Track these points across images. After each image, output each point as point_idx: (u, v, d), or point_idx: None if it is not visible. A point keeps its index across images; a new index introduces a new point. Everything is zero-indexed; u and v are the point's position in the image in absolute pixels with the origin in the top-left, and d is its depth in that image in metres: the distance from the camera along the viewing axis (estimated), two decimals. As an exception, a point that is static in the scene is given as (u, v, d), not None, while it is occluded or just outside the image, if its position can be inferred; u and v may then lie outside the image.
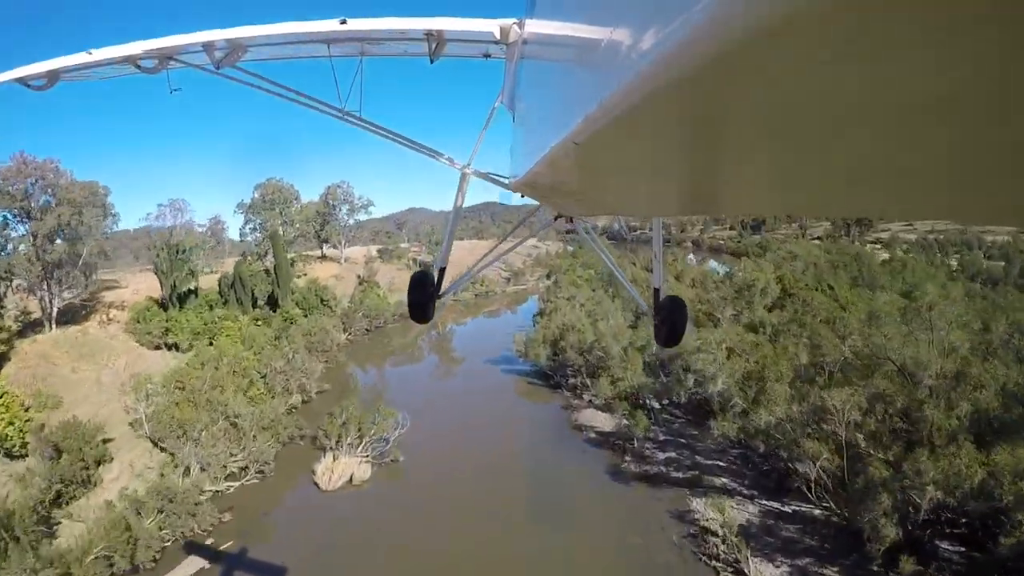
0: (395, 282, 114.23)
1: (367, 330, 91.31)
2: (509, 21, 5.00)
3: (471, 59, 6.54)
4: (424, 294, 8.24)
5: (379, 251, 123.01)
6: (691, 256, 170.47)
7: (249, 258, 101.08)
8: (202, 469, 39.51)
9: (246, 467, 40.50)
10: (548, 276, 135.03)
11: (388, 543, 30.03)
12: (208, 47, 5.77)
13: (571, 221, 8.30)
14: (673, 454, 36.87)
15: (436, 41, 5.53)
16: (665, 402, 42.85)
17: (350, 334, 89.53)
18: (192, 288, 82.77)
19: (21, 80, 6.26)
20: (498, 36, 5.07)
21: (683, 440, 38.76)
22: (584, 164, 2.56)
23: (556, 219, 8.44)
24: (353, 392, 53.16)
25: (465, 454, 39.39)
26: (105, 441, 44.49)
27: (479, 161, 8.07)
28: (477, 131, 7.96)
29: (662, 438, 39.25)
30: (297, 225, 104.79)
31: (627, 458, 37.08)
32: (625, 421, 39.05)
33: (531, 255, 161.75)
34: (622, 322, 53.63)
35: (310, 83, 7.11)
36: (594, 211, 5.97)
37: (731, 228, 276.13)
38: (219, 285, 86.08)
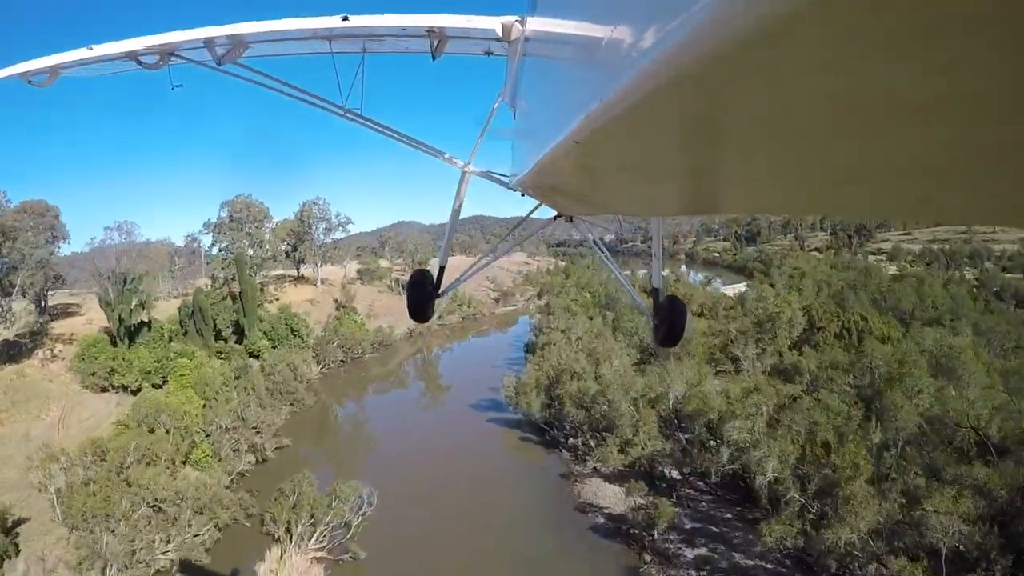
0: (375, 306, 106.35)
1: (343, 361, 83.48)
2: (511, 18, 5.02)
3: (473, 56, 6.53)
4: (424, 293, 8.31)
5: (359, 272, 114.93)
6: (683, 268, 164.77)
7: (214, 283, 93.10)
8: (120, 569, 31.66)
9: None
10: (539, 296, 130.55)
11: None
12: (210, 43, 5.78)
13: (571, 220, 8.18)
14: (705, 550, 29.42)
15: (438, 38, 5.55)
16: (687, 471, 35.40)
17: (323, 367, 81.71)
18: (145, 320, 74.49)
19: (22, 76, 6.30)
20: (500, 33, 5.07)
21: (715, 528, 31.38)
22: (585, 163, 2.60)
23: (556, 218, 8.20)
24: (313, 457, 45.25)
25: (442, 545, 31.69)
26: (16, 525, 36.52)
27: (480, 159, 8.11)
28: (478, 129, 7.97)
29: (688, 525, 31.90)
30: (267, 246, 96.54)
31: (646, 558, 29.72)
32: (640, 501, 31.48)
33: (521, 272, 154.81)
34: (628, 364, 46.19)
35: (311, 80, 7.05)
36: (594, 210, 6.21)
37: (725, 240, 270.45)
38: (180, 314, 78.28)
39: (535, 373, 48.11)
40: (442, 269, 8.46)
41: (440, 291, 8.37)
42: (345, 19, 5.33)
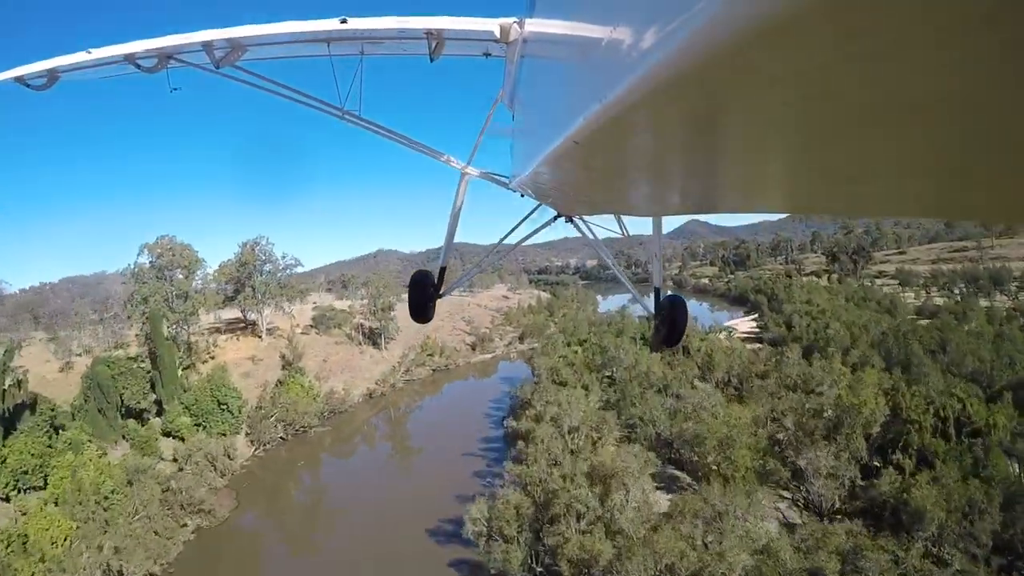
0: (330, 362, 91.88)
1: (283, 438, 68.62)
2: (509, 20, 5.00)
3: (471, 58, 6.36)
4: (424, 293, 8.44)
5: (314, 319, 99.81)
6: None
7: (127, 345, 77.68)
8: None
9: None
10: (521, 339, 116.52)
11: None
12: (208, 46, 5.81)
13: (571, 220, 8.27)
14: None
15: (436, 40, 5.56)
16: None
17: (259, 448, 66.65)
18: (24, 402, 59.15)
19: (20, 79, 6.29)
20: (498, 35, 5.06)
21: None
22: (585, 163, 2.66)
23: (556, 218, 8.31)
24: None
25: None
26: None
27: (479, 160, 8.20)
28: (477, 130, 8.02)
29: None
30: (198, 297, 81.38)
31: None
32: None
33: (501, 309, 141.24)
34: (652, 491, 32.10)
35: (310, 83, 7.10)
36: (594, 210, 6.54)
37: (712, 264, 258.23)
38: (83, 385, 63.02)
39: (514, 499, 33.68)
40: (443, 270, 8.62)
41: (441, 293, 8.57)
42: (343, 22, 5.35)
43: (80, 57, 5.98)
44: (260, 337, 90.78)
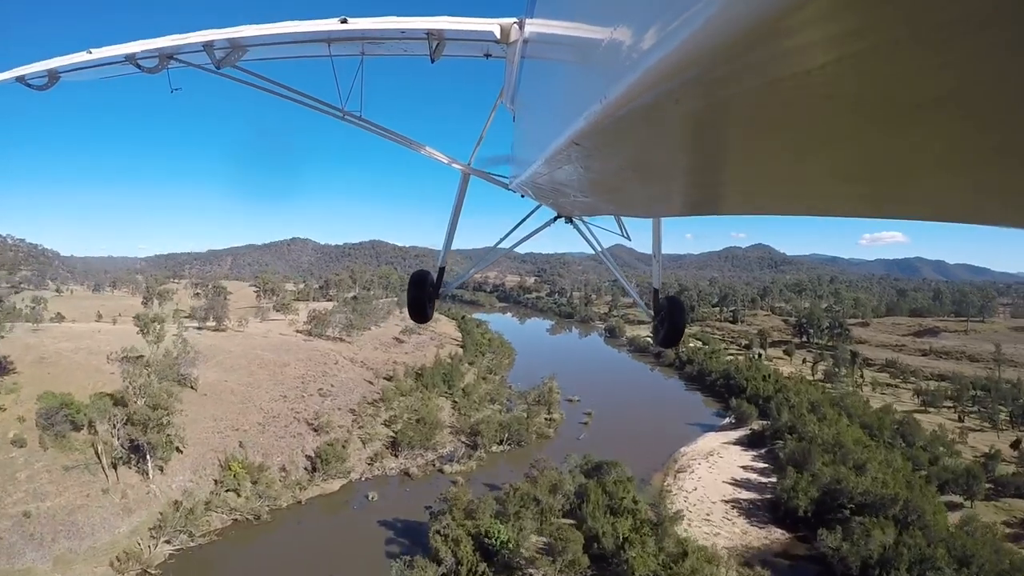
0: (34, 518, 50.40)
1: None
2: (510, 21, 5.00)
3: (472, 58, 6.38)
4: (424, 293, 8.47)
5: (40, 416, 56.12)
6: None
7: None
8: None
9: None
10: (394, 448, 69.79)
11: None
12: (208, 47, 5.72)
13: (571, 221, 8.27)
14: None
15: (436, 40, 5.48)
16: None
17: None
18: None
19: (21, 79, 6.28)
20: (498, 36, 5.04)
21: None
22: (585, 164, 2.62)
23: (555, 219, 8.31)
24: None
25: None
26: None
27: (479, 160, 8.14)
28: (478, 131, 8.08)
29: None
30: None
31: None
32: None
33: (382, 368, 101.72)
34: None
35: (310, 83, 7.05)
36: (594, 211, 6.42)
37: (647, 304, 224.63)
38: None
39: None
40: (442, 270, 8.71)
41: (440, 292, 8.65)
42: (344, 22, 5.32)
43: (81, 57, 5.97)
44: None
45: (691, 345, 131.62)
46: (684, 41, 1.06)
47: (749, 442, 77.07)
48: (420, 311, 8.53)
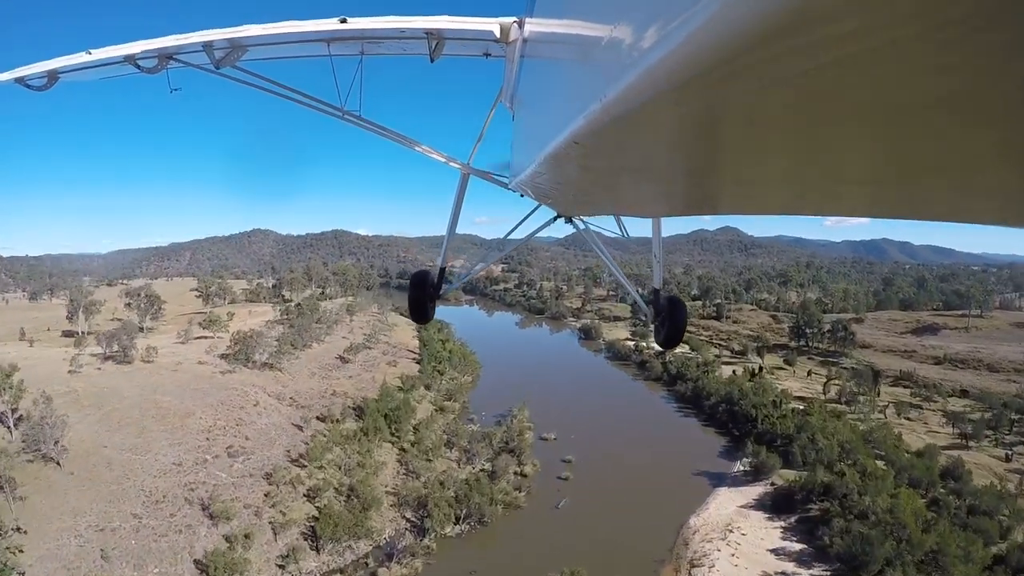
0: None
1: None
2: (509, 20, 5.00)
3: (472, 58, 6.38)
4: (424, 293, 8.53)
5: None
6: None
7: None
8: None
9: None
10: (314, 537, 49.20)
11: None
12: (208, 47, 5.72)
13: (571, 221, 8.31)
14: None
15: (436, 40, 5.48)
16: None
17: None
18: None
19: (20, 80, 6.28)
20: (498, 35, 5.04)
21: None
22: (585, 163, 2.63)
23: (555, 219, 8.31)
24: None
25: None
26: None
27: (479, 160, 8.12)
28: (477, 130, 8.02)
29: None
30: None
31: None
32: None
33: (317, 401, 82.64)
34: None
35: (310, 83, 7.04)
36: (594, 211, 6.70)
37: (619, 299, 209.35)
38: None
39: None
40: (442, 270, 8.74)
41: (440, 292, 8.67)
42: (343, 21, 5.32)
43: (80, 58, 5.97)
44: None
45: (679, 352, 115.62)
46: (684, 41, 1.05)
47: (774, 504, 60.98)
48: (421, 312, 8.63)
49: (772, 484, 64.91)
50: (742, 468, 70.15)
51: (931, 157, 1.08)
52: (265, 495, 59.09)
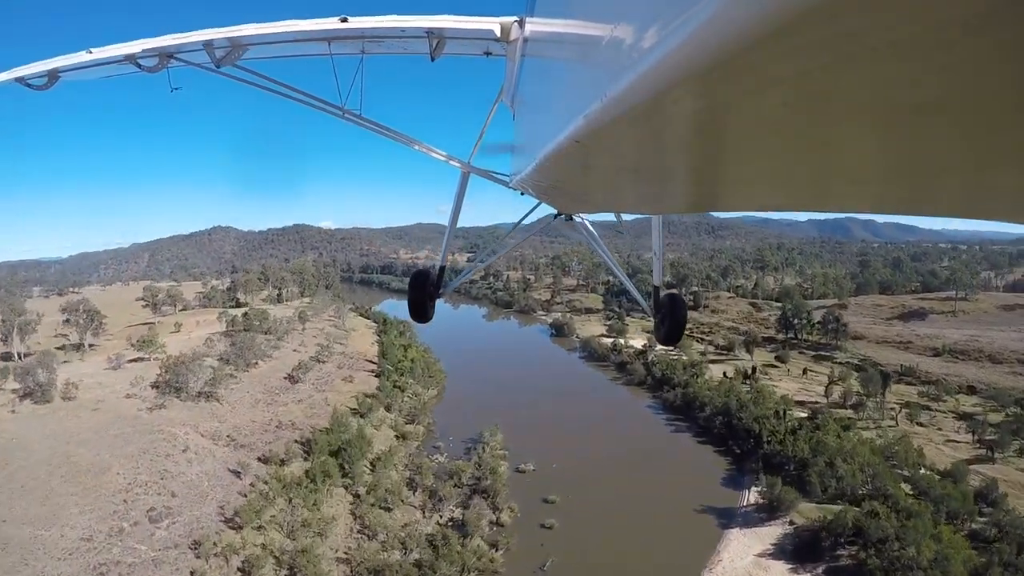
0: None
1: None
2: (510, 19, 5.01)
3: (472, 57, 6.40)
4: (424, 293, 8.47)
5: None
6: None
7: None
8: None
9: None
10: None
11: None
12: (208, 46, 5.73)
13: (571, 219, 8.31)
14: None
15: (437, 39, 5.51)
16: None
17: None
18: None
19: (21, 80, 6.27)
20: (499, 34, 5.05)
21: None
22: (585, 162, 2.65)
23: (556, 217, 8.35)
24: None
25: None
26: None
27: (479, 159, 8.10)
28: (478, 129, 7.99)
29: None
30: None
31: None
32: None
33: (261, 439, 65.64)
34: None
35: (310, 82, 7.03)
36: (595, 209, 6.62)
37: (590, 288, 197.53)
38: None
39: None
40: (442, 269, 8.60)
41: (440, 291, 8.58)
42: (344, 20, 5.31)
43: (81, 57, 5.96)
44: None
45: (660, 349, 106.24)
46: (685, 40, 1.05)
47: (796, 550, 51.63)
48: (421, 312, 8.57)
49: (791, 523, 55.60)
50: (752, 501, 60.76)
51: (932, 156, 1.08)
52: (191, 574, 47.07)
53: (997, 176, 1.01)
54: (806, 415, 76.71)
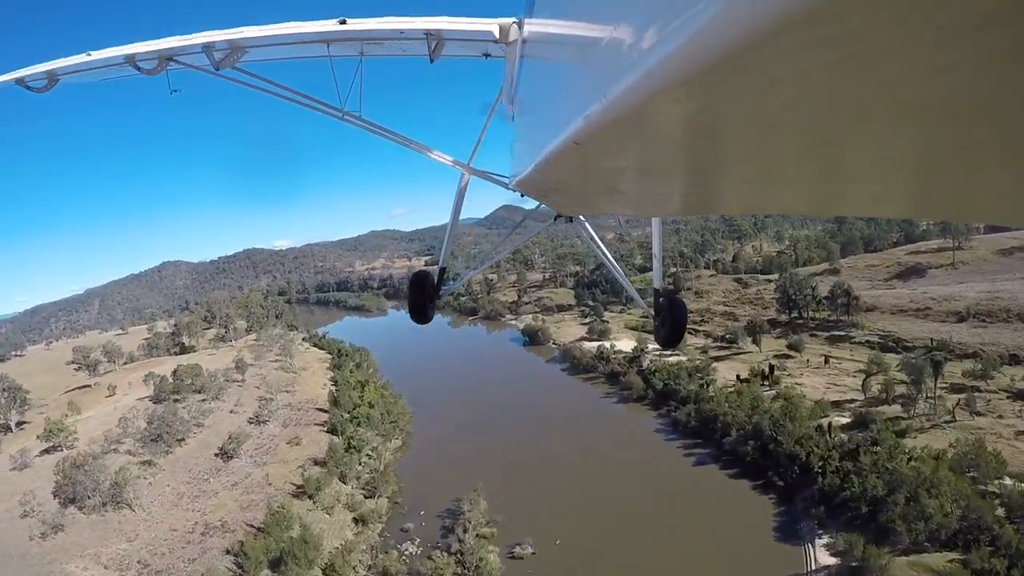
0: None
1: None
2: (509, 21, 4.99)
3: (472, 59, 6.41)
4: (424, 294, 8.46)
5: None
6: None
7: None
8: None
9: None
10: None
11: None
12: (208, 48, 5.72)
13: (571, 220, 8.24)
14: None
15: (435, 41, 5.50)
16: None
17: None
18: None
19: (20, 81, 6.24)
20: (497, 36, 5.04)
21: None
22: (585, 163, 2.63)
23: (556, 218, 8.29)
24: None
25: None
26: None
27: (479, 160, 8.09)
28: (477, 130, 7.99)
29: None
30: None
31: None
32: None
33: (203, 535, 53.07)
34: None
35: (310, 84, 6.96)
36: (594, 210, 6.52)
37: (559, 283, 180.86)
38: None
39: None
40: (443, 270, 8.60)
41: (440, 293, 8.57)
42: (343, 22, 5.34)
43: (80, 59, 5.99)
44: None
45: (654, 352, 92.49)
46: (685, 41, 1.05)
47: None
48: (421, 313, 8.53)
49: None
50: (822, 562, 46.77)
51: (932, 157, 1.07)
52: None
53: (997, 177, 1.01)
54: (848, 420, 63.55)
